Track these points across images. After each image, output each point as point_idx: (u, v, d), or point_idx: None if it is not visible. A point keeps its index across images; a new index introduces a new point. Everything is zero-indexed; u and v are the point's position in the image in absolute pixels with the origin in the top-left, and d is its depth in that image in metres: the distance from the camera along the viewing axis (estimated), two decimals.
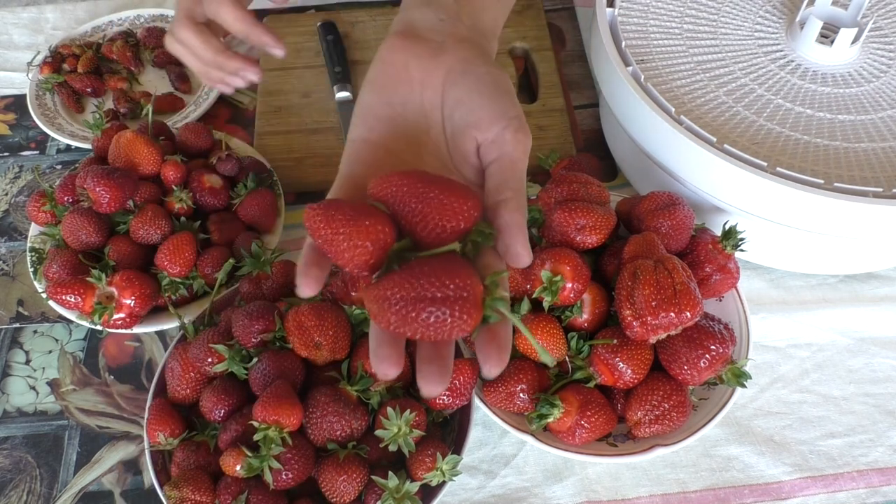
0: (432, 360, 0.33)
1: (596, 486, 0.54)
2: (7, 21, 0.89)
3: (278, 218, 0.66)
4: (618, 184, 0.72)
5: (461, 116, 0.39)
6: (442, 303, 0.30)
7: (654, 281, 0.48)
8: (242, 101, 0.81)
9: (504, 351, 0.33)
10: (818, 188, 0.53)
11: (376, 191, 0.34)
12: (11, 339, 0.64)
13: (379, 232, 0.32)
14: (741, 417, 0.58)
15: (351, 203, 0.33)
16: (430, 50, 0.41)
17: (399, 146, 0.40)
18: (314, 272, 0.34)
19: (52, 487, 0.56)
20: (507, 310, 0.32)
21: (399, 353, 0.33)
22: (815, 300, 0.64)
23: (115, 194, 0.57)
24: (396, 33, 0.42)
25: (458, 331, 0.31)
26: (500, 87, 0.40)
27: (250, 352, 0.51)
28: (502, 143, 0.38)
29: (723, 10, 0.68)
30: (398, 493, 0.46)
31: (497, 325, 0.33)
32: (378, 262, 0.33)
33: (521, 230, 0.35)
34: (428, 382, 0.32)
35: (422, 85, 0.41)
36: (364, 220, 0.32)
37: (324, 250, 0.33)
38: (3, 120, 0.80)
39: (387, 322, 0.31)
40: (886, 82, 0.63)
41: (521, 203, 0.36)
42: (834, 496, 0.54)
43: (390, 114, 0.41)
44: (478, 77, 0.40)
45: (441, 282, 0.30)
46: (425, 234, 0.33)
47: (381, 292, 0.31)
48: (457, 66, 0.40)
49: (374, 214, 0.33)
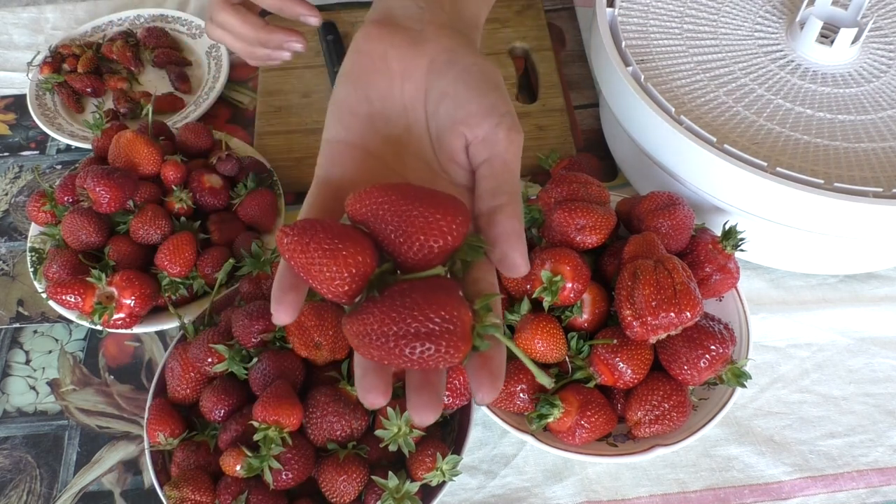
0: (422, 388, 0.31)
1: (596, 486, 0.54)
2: (7, 21, 0.89)
3: (278, 218, 0.66)
4: (618, 184, 0.72)
5: (447, 111, 0.36)
6: (426, 337, 0.28)
7: (654, 281, 0.48)
8: (242, 101, 0.81)
9: (497, 378, 0.30)
10: (818, 188, 0.53)
11: (355, 209, 0.32)
12: (11, 339, 0.64)
13: (359, 263, 0.30)
14: (741, 417, 0.58)
15: (327, 226, 0.31)
16: (409, 39, 0.38)
17: (379, 147, 0.38)
18: (290, 298, 0.31)
19: (52, 487, 0.56)
20: (500, 335, 0.30)
21: (386, 382, 0.31)
22: (815, 300, 0.64)
23: (115, 194, 0.57)
24: (373, 21, 0.39)
25: (446, 363, 0.29)
26: (490, 80, 0.37)
27: (250, 352, 0.51)
28: (494, 143, 0.35)
29: (723, 10, 0.68)
30: (398, 493, 0.46)
31: (490, 350, 0.30)
32: (357, 291, 0.30)
33: (519, 238, 0.33)
34: (419, 413, 0.30)
35: (402, 77, 0.38)
36: (342, 250, 0.30)
37: (299, 274, 0.31)
38: (3, 120, 0.80)
39: (370, 355, 0.30)
40: (886, 82, 0.63)
41: (518, 209, 0.34)
42: (834, 496, 0.54)
43: (369, 110, 0.38)
44: (464, 68, 0.37)
45: (425, 315, 0.28)
46: (410, 256, 0.30)
47: (362, 328, 0.29)
48: (440, 55, 0.37)
49: (353, 241, 0.30)
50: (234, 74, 0.82)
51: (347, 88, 0.39)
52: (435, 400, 0.31)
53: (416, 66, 0.38)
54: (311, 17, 0.63)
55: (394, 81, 0.38)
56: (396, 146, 0.38)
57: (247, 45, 0.65)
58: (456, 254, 0.31)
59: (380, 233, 0.31)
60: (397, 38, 0.38)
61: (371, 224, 0.31)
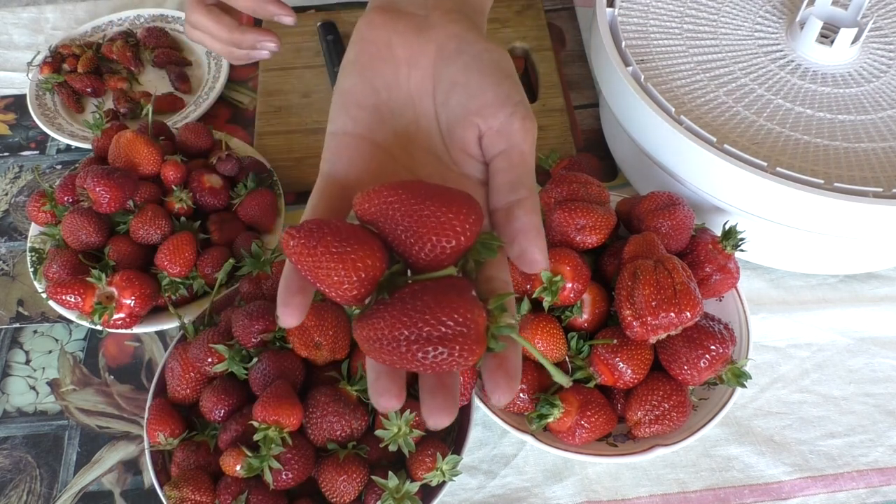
0: (436, 391, 0.30)
1: (596, 486, 0.54)
2: (7, 21, 0.89)
3: (278, 218, 0.66)
4: (618, 184, 0.72)
5: (459, 102, 0.35)
6: (439, 341, 0.27)
7: (654, 281, 0.48)
8: (242, 101, 0.81)
9: (514, 379, 0.30)
10: (818, 188, 0.53)
11: (363, 209, 0.31)
12: (11, 339, 0.64)
13: (368, 267, 0.29)
14: (741, 417, 0.58)
15: (334, 227, 0.29)
16: (414, 25, 0.37)
17: (387, 139, 0.36)
18: (297, 300, 0.30)
19: (52, 487, 0.56)
20: (515, 335, 0.29)
21: (400, 385, 0.30)
22: (815, 300, 0.64)
23: (115, 194, 0.57)
24: (376, 8, 0.38)
25: (460, 367, 0.28)
26: (502, 68, 0.35)
27: (250, 352, 0.51)
28: (510, 133, 0.34)
29: (723, 10, 0.68)
30: (398, 493, 0.46)
31: (506, 350, 0.30)
32: (367, 293, 0.30)
33: (538, 234, 0.32)
34: (433, 416, 0.29)
35: (408, 65, 0.36)
36: (350, 253, 0.29)
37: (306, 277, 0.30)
38: (3, 120, 0.80)
39: (381, 360, 0.29)
40: (886, 82, 0.63)
41: (537, 203, 0.33)
42: (834, 496, 0.54)
43: (374, 101, 0.37)
44: (474, 55, 0.35)
45: (437, 318, 0.27)
46: (422, 256, 0.29)
47: (372, 333, 0.28)
48: (448, 43, 0.36)
49: (362, 243, 0.29)
50: (234, 74, 0.82)
51: (352, 78, 0.37)
52: (450, 403, 0.30)
53: (422, 53, 0.36)
54: (285, 17, 0.62)
55: (400, 69, 0.37)
56: (404, 138, 0.37)
57: (223, 46, 0.65)
58: (469, 253, 0.30)
59: (390, 233, 0.30)
60: (401, 24, 0.37)
61: (380, 224, 0.30)
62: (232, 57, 0.66)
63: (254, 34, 0.64)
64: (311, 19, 0.87)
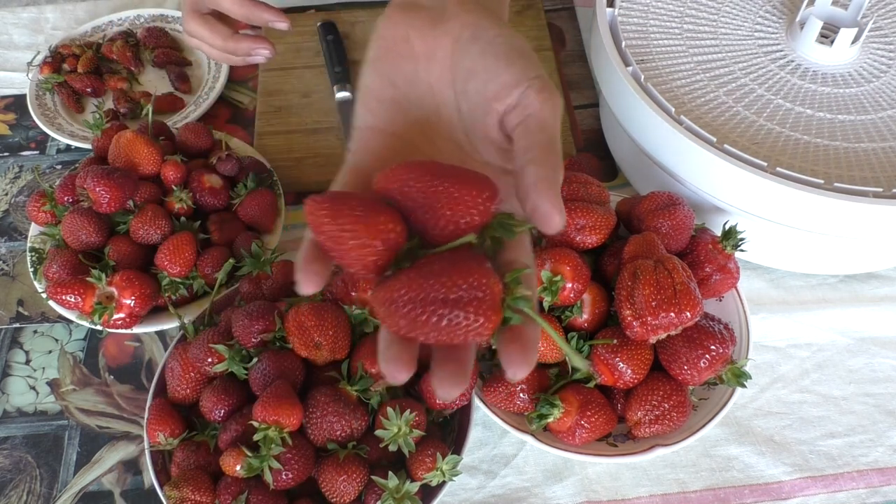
0: (447, 361, 0.30)
1: (596, 486, 0.54)
2: (7, 21, 0.89)
3: (278, 218, 0.66)
4: (618, 184, 0.72)
5: (477, 89, 0.35)
6: (454, 305, 0.28)
7: (654, 281, 0.48)
8: (242, 101, 0.81)
9: (530, 352, 0.29)
10: (818, 188, 0.53)
11: (382, 185, 0.31)
12: (11, 339, 0.64)
13: (390, 231, 0.29)
14: (741, 417, 0.58)
15: (359, 196, 0.30)
16: (430, 18, 0.37)
17: (409, 132, 0.37)
18: (315, 268, 0.30)
19: (52, 487, 0.56)
20: (530, 309, 0.29)
21: (411, 354, 0.30)
22: (815, 300, 0.64)
23: (115, 194, 0.57)
24: (395, 5, 0.38)
25: (475, 334, 0.28)
26: (516, 49, 0.35)
27: (250, 352, 0.51)
28: (526, 106, 0.33)
29: (723, 10, 0.68)
30: (398, 493, 0.46)
31: (521, 324, 0.29)
32: (385, 264, 0.30)
33: (549, 185, 0.30)
34: (442, 385, 0.29)
35: (426, 58, 0.37)
36: (375, 217, 0.29)
37: (326, 248, 0.30)
38: (3, 120, 0.80)
39: (396, 326, 0.29)
40: (886, 82, 0.63)
41: (551, 160, 0.31)
42: (834, 496, 0.54)
43: (395, 95, 0.38)
44: (489, 41, 0.35)
45: (452, 281, 0.28)
46: (437, 232, 0.30)
47: (389, 294, 0.29)
48: (464, 32, 0.36)
49: (386, 211, 0.30)
50: (234, 74, 0.82)
51: (372, 75, 0.38)
52: (461, 373, 0.29)
53: (439, 46, 0.37)
54: (279, 23, 0.63)
55: (418, 63, 0.37)
56: (425, 128, 0.37)
57: (220, 53, 0.65)
58: (486, 230, 0.31)
59: (407, 209, 0.31)
60: (418, 19, 0.37)
61: (399, 201, 0.31)
62: (228, 62, 0.67)
63: (248, 42, 0.64)
64: (310, 19, 0.87)
